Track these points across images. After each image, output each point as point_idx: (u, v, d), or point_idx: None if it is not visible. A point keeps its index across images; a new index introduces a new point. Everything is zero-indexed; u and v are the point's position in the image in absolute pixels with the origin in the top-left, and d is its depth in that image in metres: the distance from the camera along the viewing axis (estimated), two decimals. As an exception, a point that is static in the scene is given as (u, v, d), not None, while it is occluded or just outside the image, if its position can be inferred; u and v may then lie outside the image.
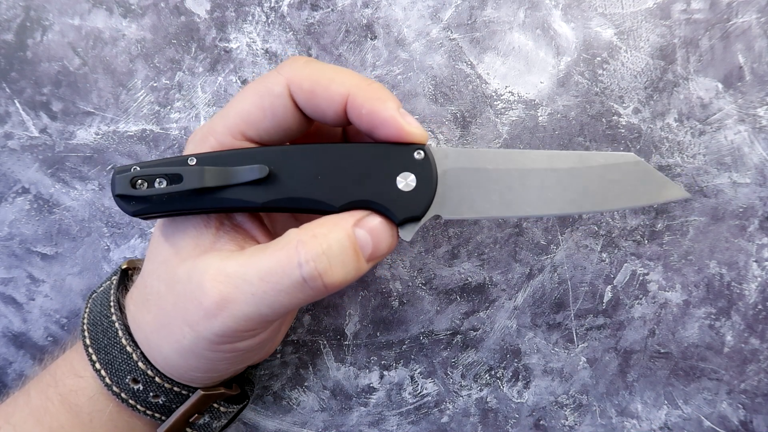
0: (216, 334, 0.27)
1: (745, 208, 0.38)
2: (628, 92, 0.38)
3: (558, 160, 0.29)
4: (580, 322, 0.39)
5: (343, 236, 0.27)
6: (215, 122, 0.28)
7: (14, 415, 0.32)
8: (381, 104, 0.27)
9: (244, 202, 0.28)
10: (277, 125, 0.28)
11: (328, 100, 0.27)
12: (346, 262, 0.27)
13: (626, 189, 0.30)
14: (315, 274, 0.26)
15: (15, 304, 0.39)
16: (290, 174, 0.28)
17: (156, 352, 0.30)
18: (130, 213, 0.28)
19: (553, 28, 0.38)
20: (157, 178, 0.27)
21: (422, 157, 0.28)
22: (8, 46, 0.37)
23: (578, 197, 0.29)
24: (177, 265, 0.28)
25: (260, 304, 0.26)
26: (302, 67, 0.28)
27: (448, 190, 0.29)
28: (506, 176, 0.29)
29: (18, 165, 0.38)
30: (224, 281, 0.26)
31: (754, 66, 0.38)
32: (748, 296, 0.39)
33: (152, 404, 0.31)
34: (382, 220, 0.28)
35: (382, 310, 0.40)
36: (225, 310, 0.26)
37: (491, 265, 0.39)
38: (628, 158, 0.30)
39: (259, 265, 0.26)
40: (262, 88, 0.28)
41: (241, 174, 0.27)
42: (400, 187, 0.28)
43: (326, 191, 0.28)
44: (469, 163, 0.29)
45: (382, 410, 0.40)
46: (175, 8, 0.38)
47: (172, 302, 0.28)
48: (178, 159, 0.27)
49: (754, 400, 0.40)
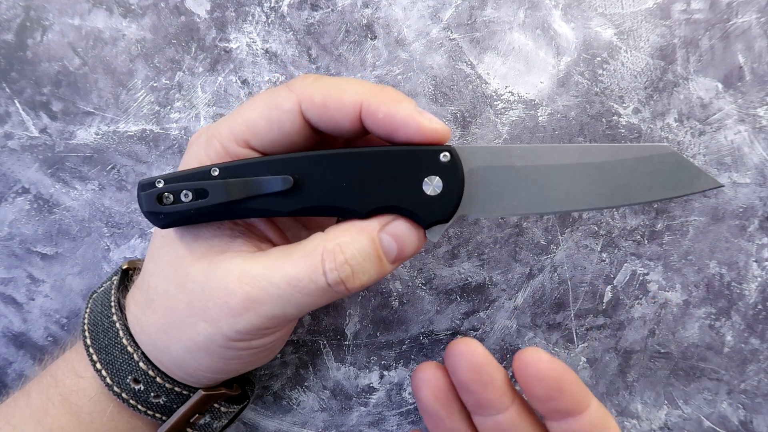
0: (238, 331, 0.28)
1: (745, 208, 0.39)
2: (628, 92, 0.38)
3: (589, 154, 0.29)
4: (580, 322, 0.40)
5: (368, 243, 0.27)
6: (221, 126, 0.28)
7: (15, 416, 0.31)
8: (397, 105, 0.26)
9: (270, 211, 0.28)
10: (283, 139, 0.28)
11: (342, 110, 0.27)
12: (368, 269, 0.27)
13: (658, 181, 0.29)
14: (338, 281, 0.27)
15: (15, 304, 0.39)
16: (315, 182, 0.27)
17: (162, 352, 0.30)
18: (160, 226, 0.28)
19: (553, 28, 0.38)
20: (183, 191, 0.27)
21: (448, 159, 0.27)
22: (8, 46, 0.37)
23: (609, 191, 0.29)
24: (189, 265, 0.28)
25: (287, 305, 0.27)
26: (312, 83, 0.27)
27: (475, 189, 0.28)
28: (535, 173, 0.28)
29: (18, 165, 0.38)
30: (250, 283, 0.27)
31: (754, 66, 0.38)
32: (748, 296, 0.39)
33: (153, 404, 0.31)
34: (407, 225, 0.28)
35: (382, 310, 0.40)
36: (251, 309, 0.27)
37: (491, 265, 0.39)
38: (663, 149, 0.29)
39: (285, 270, 0.27)
40: (271, 102, 0.28)
41: (265, 185, 0.27)
42: (427, 191, 0.27)
43: (352, 198, 0.28)
44: (497, 160, 0.28)
45: (382, 410, 0.40)
46: (175, 8, 0.38)
47: (186, 301, 0.28)
48: (201, 171, 0.27)
49: (754, 400, 0.40)
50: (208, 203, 0.27)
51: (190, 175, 0.27)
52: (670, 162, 0.29)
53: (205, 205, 0.27)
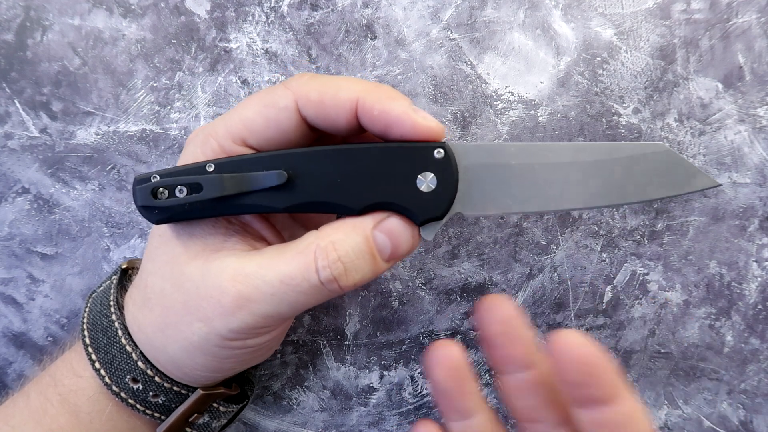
0: (232, 330, 0.28)
1: (745, 208, 0.38)
2: (628, 92, 0.38)
3: (584, 152, 0.29)
4: (580, 322, 0.39)
5: (361, 241, 0.27)
6: (218, 125, 0.28)
7: (14, 417, 0.31)
8: (392, 102, 0.27)
9: (264, 207, 0.28)
10: (280, 137, 0.28)
11: (338, 107, 0.27)
12: (361, 267, 0.27)
13: (653, 180, 0.29)
14: (331, 278, 0.27)
15: (15, 304, 0.39)
16: (309, 178, 0.27)
17: (159, 351, 0.30)
18: (154, 222, 0.28)
19: (553, 28, 0.38)
20: (178, 186, 0.27)
21: (442, 155, 0.27)
22: (8, 46, 0.37)
23: (603, 190, 0.29)
24: (185, 264, 0.28)
25: (280, 304, 0.27)
26: (309, 81, 0.28)
27: (469, 186, 0.28)
28: (529, 171, 0.28)
29: (18, 165, 0.38)
30: (243, 281, 0.27)
31: (754, 66, 0.38)
32: (748, 296, 0.39)
33: (152, 404, 0.31)
34: (401, 223, 0.28)
35: (382, 310, 0.40)
36: (244, 308, 0.27)
37: (491, 265, 0.39)
38: (657, 148, 0.29)
39: (278, 268, 0.27)
40: (268, 100, 0.28)
41: (260, 180, 0.27)
42: (421, 188, 0.28)
43: (346, 194, 0.28)
44: (491, 158, 0.28)
45: (382, 410, 0.40)
46: (175, 8, 0.38)
47: (181, 300, 0.28)
48: (197, 166, 0.28)
49: (754, 400, 0.40)
50: (202, 197, 0.27)
51: (185, 171, 0.27)
52: (665, 160, 0.29)
53: (199, 200, 0.27)
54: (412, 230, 0.28)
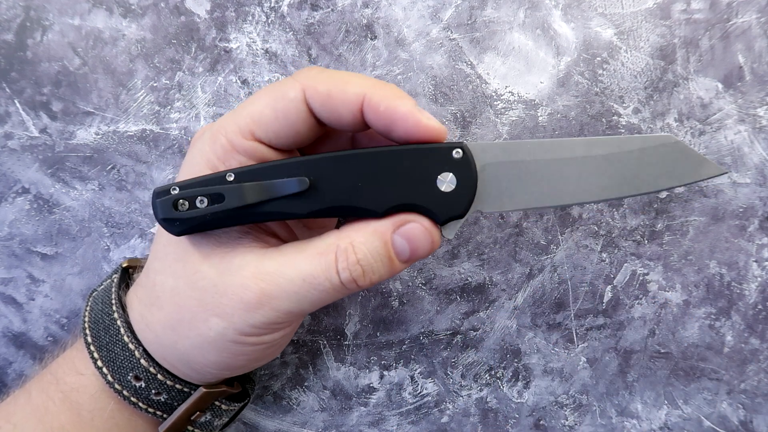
0: (252, 326, 0.28)
1: (745, 208, 0.39)
2: (628, 92, 0.38)
3: (596, 146, 0.29)
4: (580, 322, 0.39)
5: (380, 245, 0.28)
6: (225, 121, 0.29)
7: (15, 414, 0.32)
8: (398, 101, 0.27)
9: (287, 214, 0.28)
10: (289, 128, 0.28)
11: (345, 101, 0.27)
12: (378, 269, 0.29)
13: (664, 170, 0.30)
14: (350, 279, 0.28)
15: (15, 304, 0.39)
16: (331, 183, 0.28)
17: (168, 349, 0.30)
18: (176, 234, 0.28)
19: (553, 28, 0.38)
20: (198, 197, 0.27)
21: (461, 155, 0.28)
22: (8, 46, 0.37)
23: (616, 183, 0.29)
24: (199, 263, 0.29)
25: (302, 301, 0.28)
26: (317, 74, 0.28)
27: (487, 184, 0.29)
28: (544, 167, 0.29)
29: (18, 165, 0.38)
30: (265, 279, 0.28)
31: (754, 66, 0.38)
32: (748, 296, 0.39)
33: (154, 402, 0.31)
34: (420, 227, 0.29)
35: (382, 310, 0.40)
36: (266, 305, 0.28)
37: (491, 265, 0.39)
38: (666, 139, 0.30)
39: (300, 267, 0.28)
40: (276, 92, 0.28)
41: (281, 187, 0.27)
42: (441, 188, 0.28)
43: (368, 198, 0.28)
44: (507, 156, 0.29)
45: (382, 410, 0.40)
46: (175, 8, 0.38)
47: (197, 297, 0.29)
48: (216, 176, 0.28)
49: (754, 400, 0.40)
50: (224, 207, 0.27)
51: (205, 181, 0.28)
52: (674, 151, 0.30)
53: (221, 210, 0.27)
54: (432, 233, 0.29)
